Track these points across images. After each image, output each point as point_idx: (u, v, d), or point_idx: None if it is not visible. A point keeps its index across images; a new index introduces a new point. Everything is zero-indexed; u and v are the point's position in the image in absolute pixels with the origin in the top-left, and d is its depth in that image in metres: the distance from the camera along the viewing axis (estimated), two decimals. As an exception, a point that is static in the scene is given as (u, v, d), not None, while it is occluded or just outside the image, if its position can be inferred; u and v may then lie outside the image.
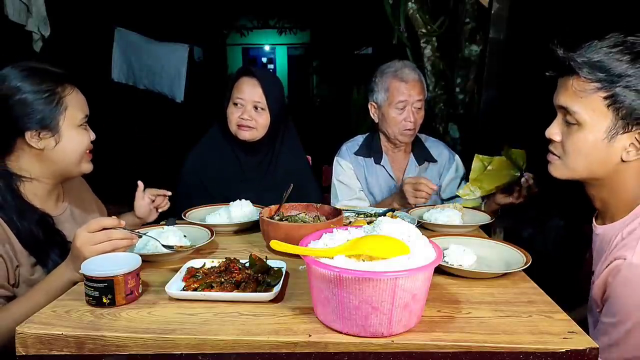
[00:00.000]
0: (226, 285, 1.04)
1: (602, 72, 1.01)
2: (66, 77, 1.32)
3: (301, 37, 11.91)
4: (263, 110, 1.84)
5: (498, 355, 0.85)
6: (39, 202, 1.32)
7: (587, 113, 1.05)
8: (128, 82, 5.30)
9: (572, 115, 1.07)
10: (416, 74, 1.98)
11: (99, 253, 1.08)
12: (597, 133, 1.05)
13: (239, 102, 1.83)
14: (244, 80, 1.84)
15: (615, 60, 1.00)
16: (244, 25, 11.07)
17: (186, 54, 5.26)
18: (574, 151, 1.10)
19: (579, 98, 1.05)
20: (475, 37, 2.99)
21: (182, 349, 0.87)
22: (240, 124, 1.84)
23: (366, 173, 2.10)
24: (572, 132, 1.09)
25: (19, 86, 1.24)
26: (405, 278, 0.82)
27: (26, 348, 0.88)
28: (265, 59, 14.54)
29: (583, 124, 1.06)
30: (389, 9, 3.23)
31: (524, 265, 1.17)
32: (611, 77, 1.00)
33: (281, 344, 0.86)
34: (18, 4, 3.19)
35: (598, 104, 1.03)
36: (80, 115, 1.33)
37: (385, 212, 1.68)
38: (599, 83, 1.02)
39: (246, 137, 1.85)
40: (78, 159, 1.34)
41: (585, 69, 1.03)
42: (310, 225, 1.31)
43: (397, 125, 1.99)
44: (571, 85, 1.07)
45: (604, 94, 1.02)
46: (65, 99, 1.29)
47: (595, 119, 1.04)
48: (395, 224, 0.95)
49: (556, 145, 1.15)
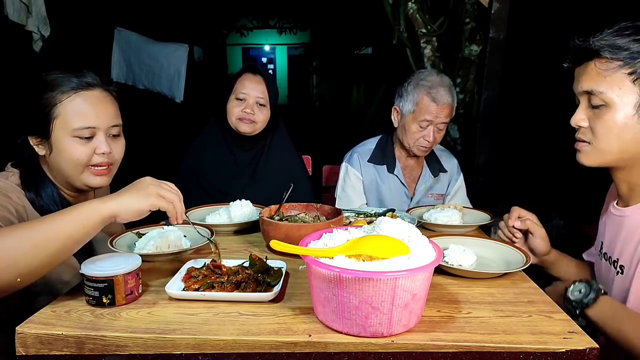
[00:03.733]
0: (226, 285, 1.04)
1: (622, 50, 1.05)
2: (71, 84, 1.22)
3: (301, 37, 11.92)
4: (264, 107, 1.90)
5: (498, 355, 0.85)
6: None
7: (613, 91, 1.06)
8: (128, 82, 5.30)
9: (598, 96, 1.08)
10: (450, 97, 1.90)
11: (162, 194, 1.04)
12: (627, 109, 1.06)
13: (242, 96, 1.88)
14: (248, 77, 1.89)
15: (631, 40, 1.04)
16: (244, 25, 11.08)
17: (186, 54, 5.26)
18: (606, 133, 1.09)
19: (603, 78, 1.07)
20: (475, 37, 2.99)
21: (182, 349, 0.87)
22: (242, 117, 1.88)
23: (379, 181, 2.07)
24: (601, 114, 1.09)
25: (28, 92, 1.23)
26: (405, 278, 0.82)
27: (26, 348, 0.88)
28: (265, 59, 14.55)
29: (610, 103, 1.07)
30: (389, 9, 3.24)
31: (523, 265, 1.17)
32: (632, 54, 1.04)
33: (281, 344, 0.86)
34: (18, 4, 3.18)
35: (624, 80, 1.05)
36: (77, 125, 1.21)
37: (385, 212, 1.68)
38: (621, 61, 1.05)
39: (246, 130, 1.89)
40: (75, 171, 1.24)
41: (607, 49, 1.06)
42: (310, 225, 1.31)
43: (414, 139, 1.96)
44: (593, 68, 1.09)
45: (627, 70, 1.05)
46: (58, 107, 1.20)
47: (623, 96, 1.06)
48: (395, 224, 0.95)
49: (584, 131, 1.14)
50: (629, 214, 1.16)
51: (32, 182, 1.25)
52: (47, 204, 1.24)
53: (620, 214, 1.18)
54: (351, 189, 2.07)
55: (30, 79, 1.24)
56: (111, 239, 1.30)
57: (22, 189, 1.23)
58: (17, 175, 1.25)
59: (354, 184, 2.07)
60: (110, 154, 1.27)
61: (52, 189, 1.27)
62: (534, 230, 1.32)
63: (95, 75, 1.27)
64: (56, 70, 1.24)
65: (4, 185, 1.20)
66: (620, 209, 1.19)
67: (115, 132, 1.30)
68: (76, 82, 1.22)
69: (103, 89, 1.27)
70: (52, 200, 1.26)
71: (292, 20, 10.69)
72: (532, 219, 1.33)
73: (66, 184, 1.29)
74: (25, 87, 1.24)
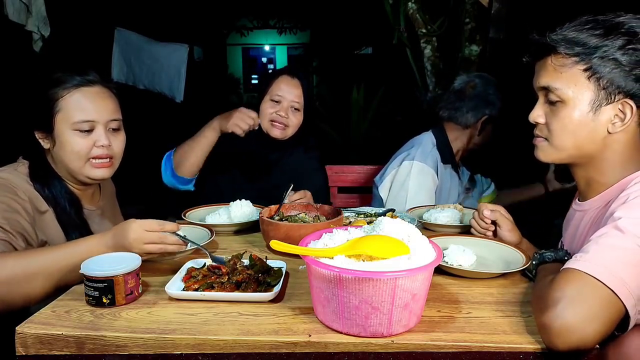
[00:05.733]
0: (226, 285, 1.04)
1: (578, 45, 1.03)
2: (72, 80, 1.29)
3: (301, 37, 11.90)
4: (298, 111, 1.89)
5: (498, 355, 0.85)
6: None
7: (569, 88, 1.05)
8: (128, 82, 5.30)
9: (554, 92, 1.07)
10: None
11: (147, 253, 1.09)
12: (582, 107, 1.05)
13: (278, 98, 1.86)
14: (286, 79, 1.88)
15: (589, 35, 1.02)
16: (244, 25, 11.07)
17: (186, 54, 5.26)
18: (561, 129, 1.09)
19: (559, 74, 1.06)
20: (475, 37, 2.99)
21: (182, 349, 0.87)
22: (275, 120, 1.86)
23: (450, 184, 2.03)
24: (557, 111, 1.09)
25: (33, 89, 1.29)
26: (405, 278, 0.82)
27: (26, 348, 0.88)
28: (265, 59, 14.55)
29: (566, 99, 1.06)
30: (389, 8, 3.24)
31: (523, 265, 1.17)
32: (587, 49, 1.02)
33: (281, 344, 0.86)
34: (18, 4, 3.18)
35: (579, 77, 1.04)
36: (77, 119, 1.27)
37: (385, 212, 1.68)
38: (576, 57, 1.03)
39: (277, 135, 1.88)
40: (77, 164, 1.30)
41: (562, 44, 1.04)
42: (310, 225, 1.31)
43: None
44: (550, 63, 1.08)
45: (583, 66, 1.03)
46: (59, 102, 1.27)
47: (578, 93, 1.04)
48: (395, 224, 0.95)
49: (541, 127, 1.14)
50: (586, 208, 1.15)
51: (40, 174, 1.30)
52: (54, 195, 1.30)
53: (580, 208, 1.18)
54: (425, 190, 1.93)
55: (35, 77, 1.32)
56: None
57: (30, 179, 1.28)
58: (26, 166, 1.31)
59: (429, 186, 1.94)
60: (109, 147, 1.33)
61: (59, 180, 1.33)
62: (502, 223, 1.33)
63: (96, 73, 1.34)
64: (59, 70, 1.31)
65: (12, 179, 1.24)
66: (580, 203, 1.18)
67: (114, 126, 1.35)
68: (78, 79, 1.29)
69: (103, 85, 1.34)
70: (59, 191, 1.31)
71: (292, 20, 10.69)
72: (500, 211, 1.34)
73: (70, 176, 1.34)
74: (31, 84, 1.30)
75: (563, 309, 0.82)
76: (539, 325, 0.87)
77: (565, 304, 0.83)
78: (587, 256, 0.89)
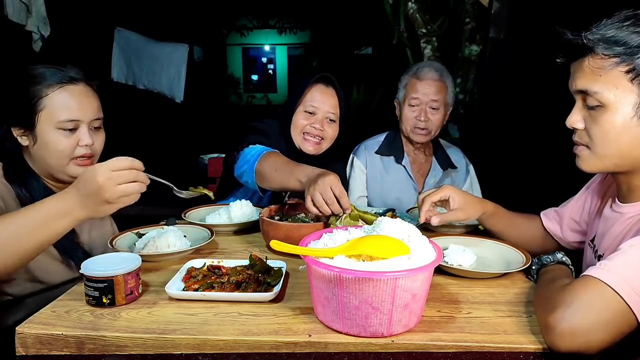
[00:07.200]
0: (226, 285, 1.04)
1: (618, 45, 0.93)
2: (56, 78, 1.25)
3: (301, 37, 11.91)
4: (333, 122, 1.77)
5: (498, 355, 0.85)
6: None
7: (610, 91, 0.95)
8: (128, 82, 5.31)
9: (594, 96, 0.97)
10: (435, 74, 1.97)
11: (124, 195, 0.98)
12: (625, 111, 0.95)
13: (312, 109, 1.74)
14: (320, 88, 1.75)
15: (631, 33, 0.93)
16: (244, 25, 11.09)
17: (186, 54, 5.27)
18: (603, 136, 0.99)
19: (598, 77, 0.96)
20: (475, 37, 2.99)
21: (182, 349, 0.87)
22: (308, 132, 1.74)
23: (384, 172, 2.09)
24: (597, 116, 0.99)
25: (13, 85, 1.25)
26: (405, 278, 0.82)
27: (26, 348, 0.88)
28: (265, 59, 14.56)
29: (607, 104, 0.96)
30: (389, 8, 3.24)
31: (523, 265, 1.17)
32: (630, 49, 0.93)
33: (281, 344, 0.86)
34: (18, 4, 3.19)
35: (621, 79, 0.94)
36: (62, 118, 1.24)
37: (385, 212, 1.68)
38: (617, 58, 0.94)
39: (310, 151, 1.75)
40: (60, 162, 1.27)
41: (600, 45, 0.95)
42: (310, 225, 1.31)
43: (410, 124, 2.00)
44: (587, 65, 0.98)
45: (625, 68, 0.94)
46: (43, 100, 1.23)
47: (620, 96, 0.95)
48: (395, 224, 0.95)
49: (580, 134, 1.04)
50: (625, 212, 1.11)
51: (16, 173, 1.27)
52: (31, 195, 1.26)
53: (618, 210, 1.13)
54: (353, 180, 2.09)
55: (16, 72, 1.26)
56: (111, 239, 1.31)
57: (4, 179, 1.25)
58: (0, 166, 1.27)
59: (357, 176, 2.10)
60: (92, 146, 1.32)
61: (37, 179, 1.30)
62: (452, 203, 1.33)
63: (79, 70, 1.31)
64: (40, 65, 1.28)
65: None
66: (620, 205, 1.13)
67: (97, 125, 1.35)
68: (61, 75, 1.27)
69: (86, 83, 1.32)
70: (36, 190, 1.28)
71: (292, 20, 10.70)
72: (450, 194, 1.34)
73: (49, 175, 1.32)
74: (11, 80, 1.26)
75: (572, 312, 0.82)
76: (543, 325, 0.87)
77: (575, 307, 0.82)
78: (610, 265, 0.86)
